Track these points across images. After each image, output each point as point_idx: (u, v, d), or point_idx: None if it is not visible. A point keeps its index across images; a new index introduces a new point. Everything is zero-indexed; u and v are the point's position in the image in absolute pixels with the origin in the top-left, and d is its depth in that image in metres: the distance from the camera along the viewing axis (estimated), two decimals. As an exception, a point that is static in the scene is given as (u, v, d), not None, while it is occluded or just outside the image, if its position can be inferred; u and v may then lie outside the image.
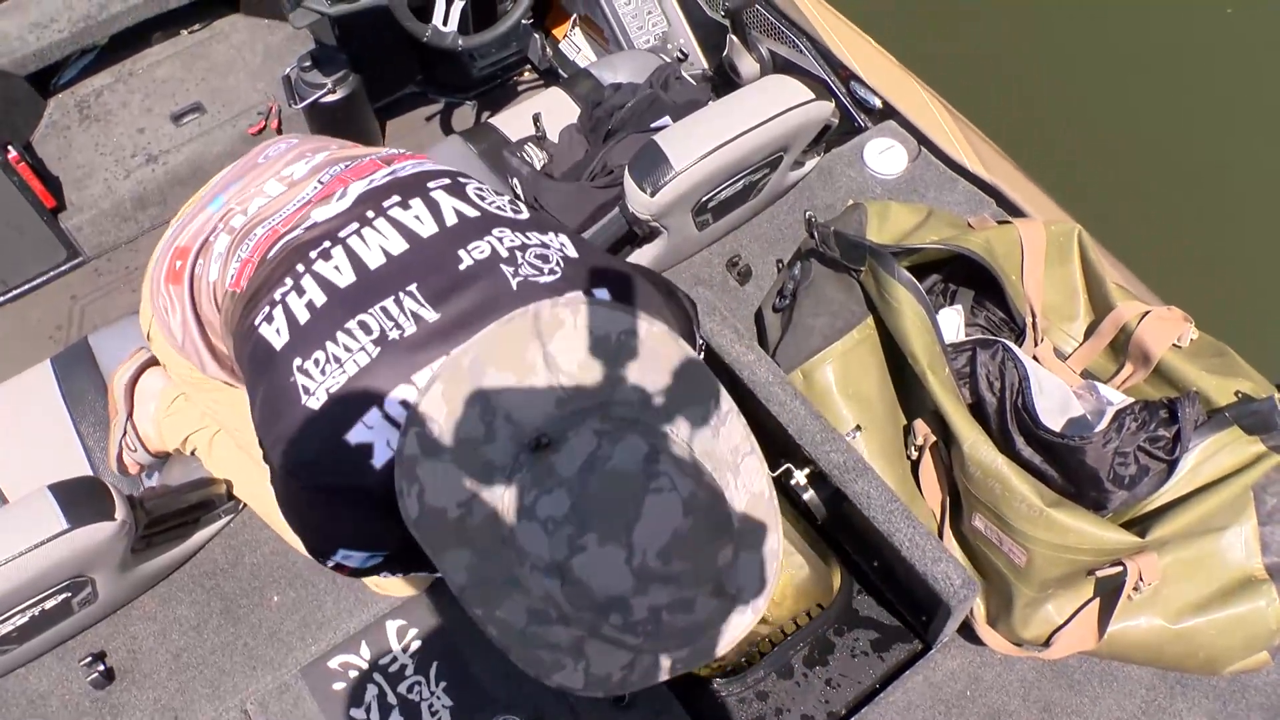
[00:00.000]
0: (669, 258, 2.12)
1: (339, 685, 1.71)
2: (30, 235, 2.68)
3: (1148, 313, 1.70)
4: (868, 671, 1.69)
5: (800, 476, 1.64)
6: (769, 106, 1.87)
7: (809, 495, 1.66)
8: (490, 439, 0.90)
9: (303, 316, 1.08)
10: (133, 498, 1.59)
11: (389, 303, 1.05)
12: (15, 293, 2.77)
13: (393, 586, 1.74)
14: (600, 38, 3.04)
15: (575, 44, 3.15)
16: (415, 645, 1.74)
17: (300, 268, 1.11)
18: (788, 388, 1.63)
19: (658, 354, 0.96)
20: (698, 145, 1.81)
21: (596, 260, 1.15)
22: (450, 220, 1.13)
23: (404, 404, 0.99)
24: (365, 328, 1.04)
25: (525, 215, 1.18)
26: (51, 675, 1.73)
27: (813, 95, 1.91)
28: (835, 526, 1.72)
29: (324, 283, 1.09)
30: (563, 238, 1.16)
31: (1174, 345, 1.67)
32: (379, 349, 1.02)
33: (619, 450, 0.88)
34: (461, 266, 1.07)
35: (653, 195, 1.81)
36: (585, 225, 2.11)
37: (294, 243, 1.15)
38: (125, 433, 1.81)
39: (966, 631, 1.66)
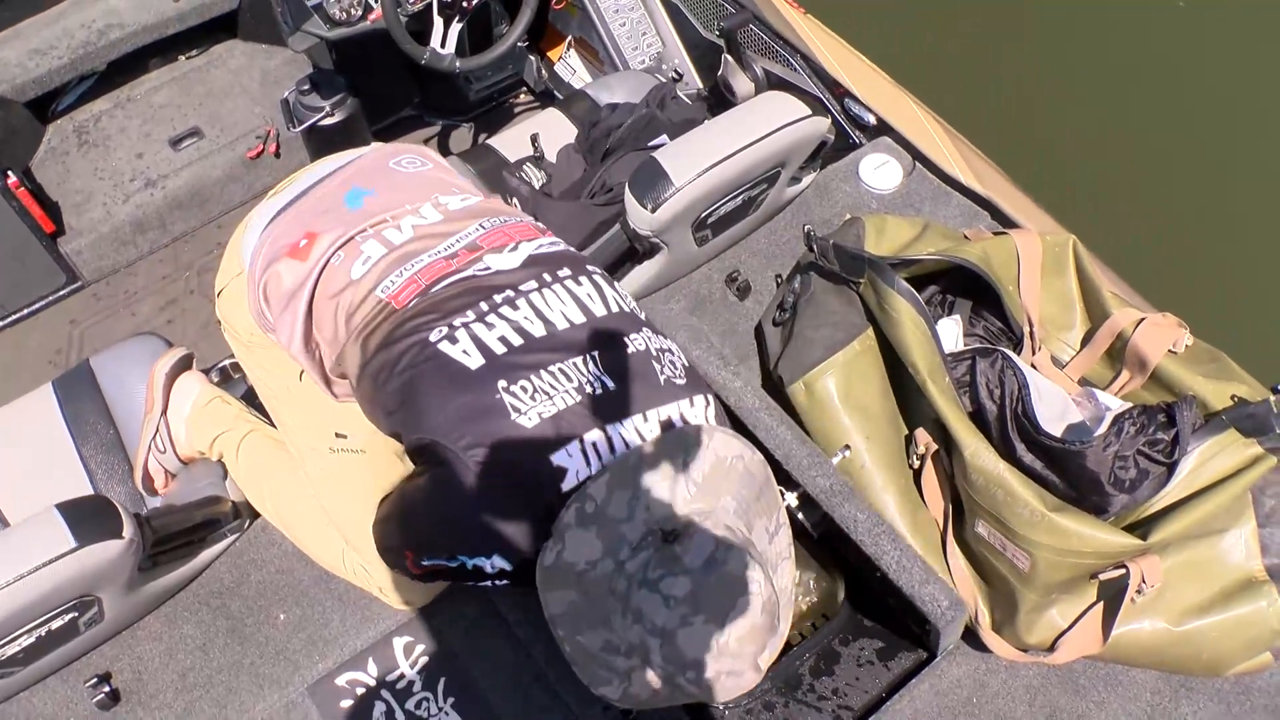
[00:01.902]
0: (669, 273, 2.14)
1: (346, 703, 1.71)
2: (29, 260, 2.69)
3: (1143, 320, 1.72)
4: (874, 681, 1.69)
5: (791, 499, 1.66)
6: (767, 123, 1.90)
7: (800, 517, 1.68)
8: (629, 519, 1.14)
9: (498, 348, 1.26)
10: (140, 516, 1.59)
11: (578, 361, 1.28)
12: (14, 317, 2.77)
13: (412, 595, 1.76)
14: (595, 59, 3.08)
15: (570, 65, 3.18)
16: (422, 662, 1.74)
17: (484, 305, 1.30)
18: (774, 413, 1.65)
19: (752, 475, 1.23)
20: (697, 161, 1.84)
21: (696, 372, 1.43)
22: (613, 308, 1.37)
23: (595, 446, 1.22)
24: (565, 375, 1.26)
25: (645, 316, 1.43)
26: (56, 697, 1.72)
27: (809, 111, 1.94)
28: (836, 539, 1.73)
29: (517, 327, 1.29)
30: (673, 343, 1.42)
31: (1170, 351, 1.69)
32: (580, 396, 1.25)
33: (731, 557, 1.12)
34: (629, 351, 1.31)
35: (653, 211, 1.83)
36: (586, 242, 2.13)
37: (473, 282, 1.34)
38: (157, 431, 1.82)
39: (971, 638, 1.67)
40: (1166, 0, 3.96)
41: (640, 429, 1.26)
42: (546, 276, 1.36)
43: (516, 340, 1.27)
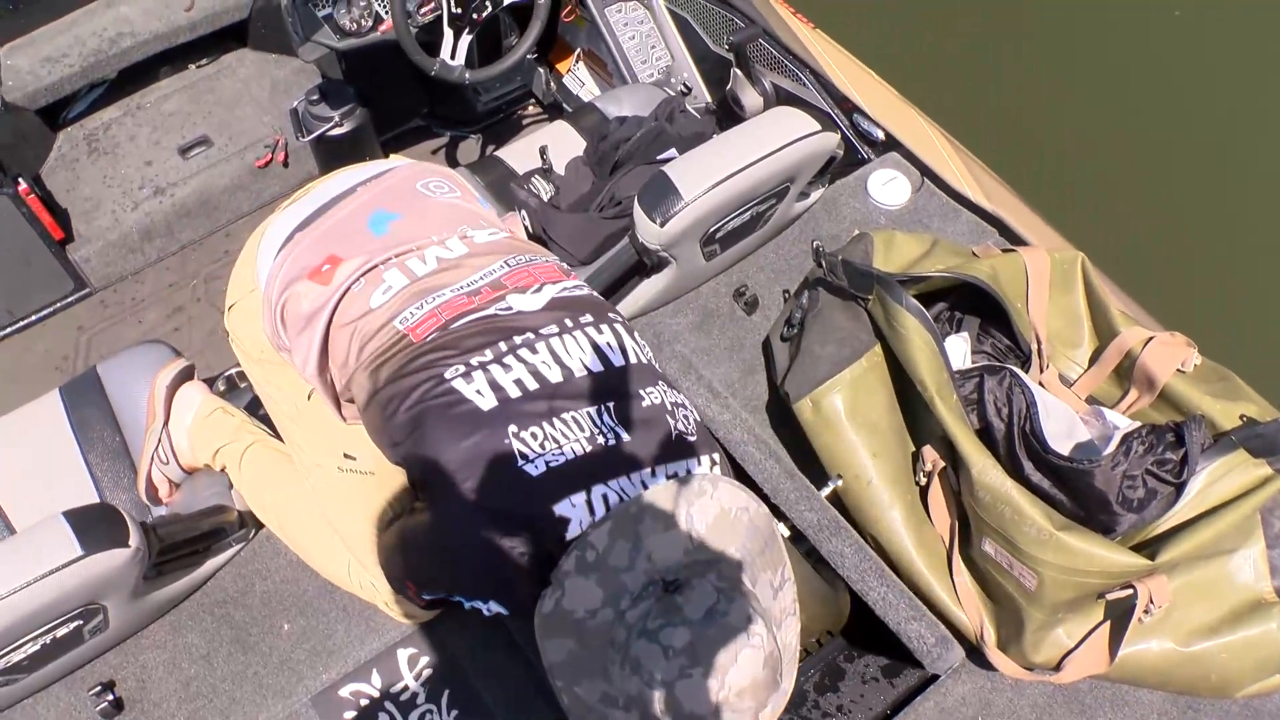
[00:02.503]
0: (677, 287, 2.14)
1: (350, 714, 1.71)
2: (38, 266, 2.70)
3: (1151, 338, 1.72)
4: (879, 698, 1.68)
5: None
6: (776, 138, 1.90)
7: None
8: (630, 569, 1.12)
9: (513, 391, 1.26)
10: (146, 524, 1.59)
11: (592, 411, 1.27)
12: (23, 323, 2.78)
13: (416, 610, 1.76)
14: (604, 72, 3.09)
15: (579, 78, 3.19)
16: (426, 674, 1.74)
17: (503, 346, 1.30)
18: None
19: (757, 529, 1.21)
20: (707, 176, 1.84)
21: (706, 429, 1.42)
22: (633, 360, 1.36)
23: (603, 498, 1.21)
24: (578, 424, 1.25)
25: (659, 368, 1.43)
26: (60, 705, 1.72)
27: (819, 127, 1.94)
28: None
29: (534, 371, 1.28)
30: (686, 399, 1.41)
31: (1178, 370, 1.69)
32: (591, 447, 1.24)
33: (733, 609, 1.10)
34: (644, 404, 1.31)
35: (662, 225, 1.83)
36: (594, 255, 2.13)
37: (494, 322, 1.34)
38: (160, 442, 1.82)
39: (977, 656, 1.67)
40: (1164, 8, 3.98)
41: (648, 484, 1.25)
42: (568, 322, 1.35)
43: (532, 385, 1.27)
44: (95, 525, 1.49)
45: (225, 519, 1.80)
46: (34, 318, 2.79)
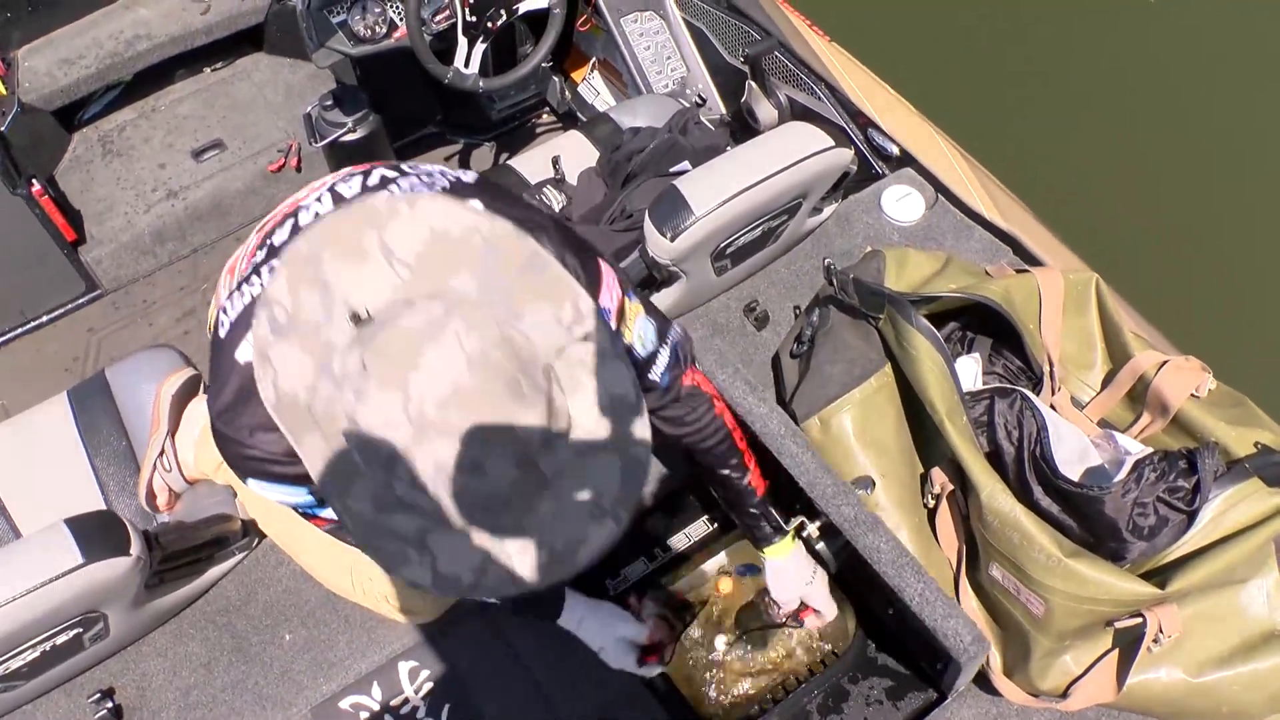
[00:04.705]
0: (687, 302, 2.13)
1: (349, 726, 1.70)
2: (50, 267, 2.71)
3: (1165, 362, 1.70)
4: (883, 721, 1.67)
5: (813, 529, 1.64)
6: (789, 153, 1.89)
7: (821, 546, 1.66)
8: (328, 320, 0.89)
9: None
10: (148, 533, 1.59)
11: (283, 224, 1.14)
12: (34, 324, 2.79)
13: (413, 604, 1.74)
14: (619, 82, 3.08)
15: (594, 87, 3.19)
16: (427, 687, 1.73)
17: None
18: (800, 440, 1.62)
19: (499, 250, 0.93)
20: (718, 191, 1.83)
21: (499, 189, 1.19)
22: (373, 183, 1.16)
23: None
24: (255, 260, 1.12)
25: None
26: (59, 711, 1.72)
27: (832, 142, 1.93)
28: (850, 573, 1.71)
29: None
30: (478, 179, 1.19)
31: (1192, 395, 1.67)
32: (265, 252, 1.10)
33: (415, 314, 0.86)
34: (349, 195, 1.13)
35: (673, 240, 1.82)
36: (604, 267, 2.11)
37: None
38: (163, 451, 1.81)
39: (983, 681, 1.65)
40: (1185, 34, 3.95)
41: (320, 213, 1.08)
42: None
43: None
44: (97, 533, 1.49)
45: (228, 528, 1.79)
46: (45, 319, 2.80)
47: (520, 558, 0.89)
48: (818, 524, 1.64)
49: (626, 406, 0.94)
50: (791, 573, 1.64)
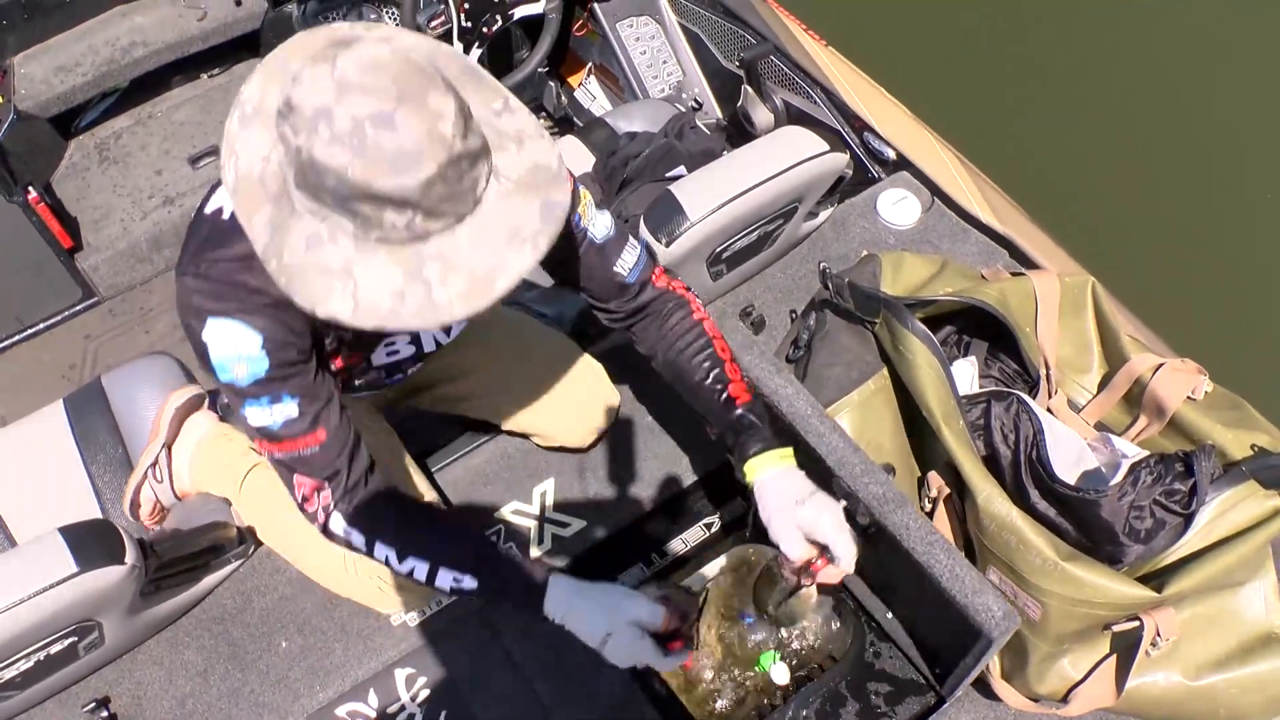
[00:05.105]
0: (682, 305, 2.12)
1: (346, 733, 1.70)
2: (47, 275, 2.70)
3: (1162, 365, 1.69)
4: (881, 726, 1.66)
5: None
6: (784, 158, 1.89)
7: None
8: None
9: None
10: (143, 541, 1.58)
11: None
12: (30, 331, 2.78)
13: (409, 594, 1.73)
14: (615, 86, 3.08)
15: (590, 92, 3.19)
16: (424, 695, 1.73)
17: None
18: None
19: (447, 56, 1.10)
20: (713, 196, 1.83)
21: None
22: None
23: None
24: None
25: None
26: (54, 721, 1.71)
27: (828, 147, 1.93)
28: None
29: None
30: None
31: (1188, 398, 1.66)
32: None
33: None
34: None
35: (668, 245, 1.82)
36: (599, 272, 2.11)
37: None
38: (157, 460, 1.81)
39: (981, 686, 1.64)
40: (1181, 36, 3.95)
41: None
42: None
43: None
44: (91, 542, 1.49)
45: (224, 535, 1.78)
46: (42, 326, 2.79)
47: (439, 284, 1.00)
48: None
49: (548, 173, 1.06)
50: (784, 489, 1.40)
